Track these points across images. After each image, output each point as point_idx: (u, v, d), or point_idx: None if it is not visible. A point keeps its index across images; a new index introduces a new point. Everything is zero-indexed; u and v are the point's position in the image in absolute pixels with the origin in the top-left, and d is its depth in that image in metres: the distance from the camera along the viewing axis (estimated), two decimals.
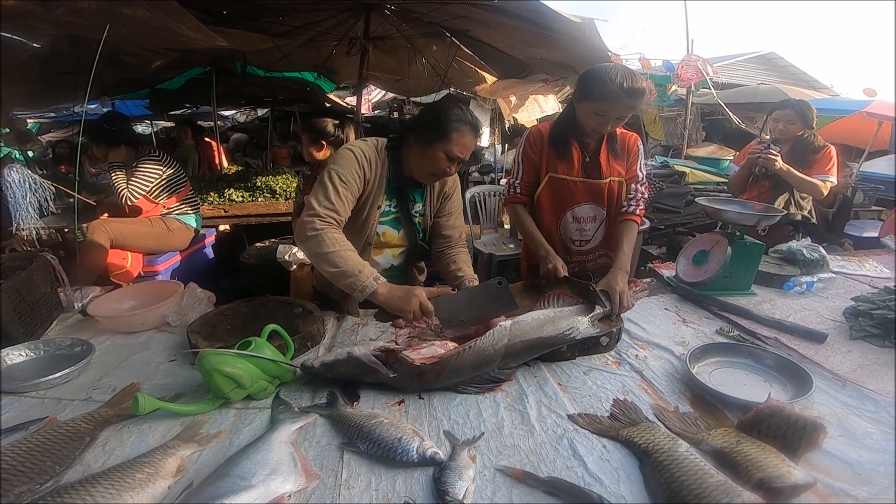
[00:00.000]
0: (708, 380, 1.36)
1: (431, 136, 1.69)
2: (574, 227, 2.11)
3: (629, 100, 1.75)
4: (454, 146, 1.68)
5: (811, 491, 0.96)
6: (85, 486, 0.94)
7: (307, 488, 1.00)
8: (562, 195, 2.07)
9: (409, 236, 1.95)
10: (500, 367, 1.40)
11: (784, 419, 1.09)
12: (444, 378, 1.35)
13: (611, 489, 0.99)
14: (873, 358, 1.53)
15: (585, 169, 2.03)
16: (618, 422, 1.21)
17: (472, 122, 1.72)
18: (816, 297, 2.03)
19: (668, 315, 1.91)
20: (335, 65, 6.52)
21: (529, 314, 1.52)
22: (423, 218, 1.97)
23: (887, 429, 1.17)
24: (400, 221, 1.92)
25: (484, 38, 4.67)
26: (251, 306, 1.81)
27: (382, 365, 1.33)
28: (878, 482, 1.00)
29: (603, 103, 1.79)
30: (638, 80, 1.76)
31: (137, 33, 3.42)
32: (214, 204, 4.41)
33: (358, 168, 1.72)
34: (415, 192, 1.92)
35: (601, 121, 1.84)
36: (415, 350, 1.38)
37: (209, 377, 1.23)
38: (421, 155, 1.74)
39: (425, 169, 1.76)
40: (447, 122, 1.67)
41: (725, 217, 2.12)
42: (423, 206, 1.95)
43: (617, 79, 1.74)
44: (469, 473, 1.01)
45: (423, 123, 1.75)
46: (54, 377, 1.37)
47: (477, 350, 1.37)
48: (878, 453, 1.09)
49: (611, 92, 1.74)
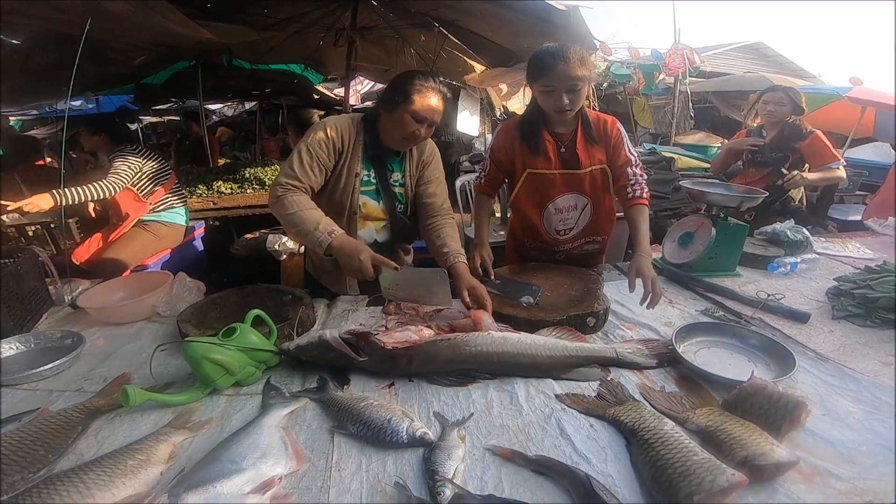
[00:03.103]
0: (693, 359, 1.38)
1: (396, 101, 1.77)
2: (557, 218, 2.09)
3: (565, 64, 1.74)
4: (417, 107, 1.75)
5: (795, 470, 0.97)
6: (78, 474, 0.95)
7: (298, 471, 1.01)
8: (542, 189, 2.05)
9: (389, 208, 1.98)
10: (477, 370, 1.37)
11: (767, 397, 1.11)
12: (417, 365, 1.35)
13: (598, 468, 1.01)
14: (855, 337, 1.56)
15: (563, 160, 1.99)
16: (605, 401, 1.23)
17: (434, 86, 1.78)
18: (800, 278, 2.06)
19: None
20: (323, 56, 6.47)
21: (527, 337, 1.43)
22: (404, 189, 2.01)
23: (869, 408, 1.19)
24: (379, 193, 1.96)
25: (472, 28, 4.65)
26: (241, 294, 1.81)
27: (350, 349, 1.34)
28: (860, 461, 1.01)
29: (544, 78, 1.79)
30: (572, 48, 1.77)
31: (121, 28, 3.38)
32: (203, 196, 4.38)
33: (325, 138, 1.81)
34: (392, 162, 1.98)
35: (553, 97, 1.81)
36: (387, 334, 1.39)
37: (198, 365, 1.24)
38: (389, 121, 1.82)
39: (395, 134, 1.82)
40: (409, 86, 1.75)
41: (709, 199, 2.14)
42: (402, 175, 2.00)
43: (549, 50, 1.78)
44: (459, 453, 1.02)
45: (389, 90, 1.83)
46: (45, 368, 1.37)
47: (453, 344, 1.37)
48: (860, 433, 1.10)
49: (545, 64, 1.77)
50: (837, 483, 0.95)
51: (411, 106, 1.74)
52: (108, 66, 4.76)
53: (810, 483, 0.95)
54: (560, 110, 1.84)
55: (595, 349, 1.44)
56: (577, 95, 1.81)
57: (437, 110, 1.80)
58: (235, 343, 1.30)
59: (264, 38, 4.99)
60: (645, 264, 1.71)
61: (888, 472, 0.98)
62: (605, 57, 9.18)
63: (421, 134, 1.81)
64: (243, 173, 4.75)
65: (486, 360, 1.36)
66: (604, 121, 2.00)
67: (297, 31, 5.14)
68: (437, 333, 1.45)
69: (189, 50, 5.15)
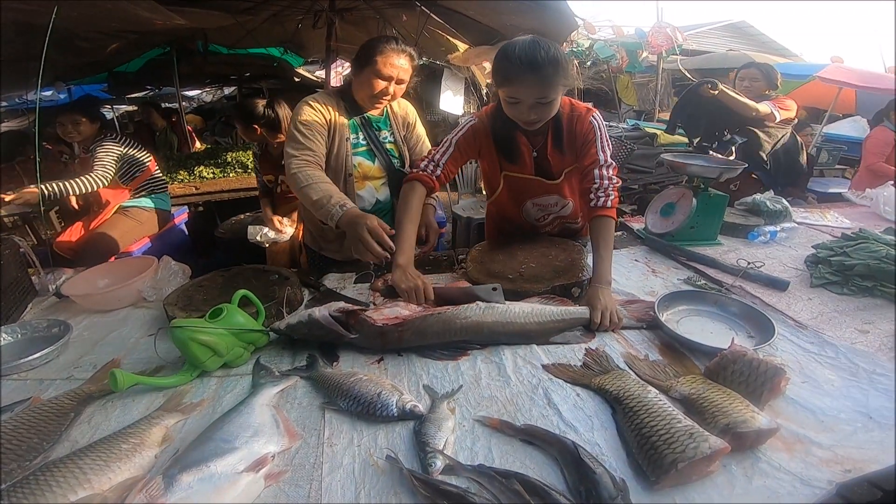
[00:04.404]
0: (676, 328, 1.40)
1: (361, 63, 1.89)
2: (536, 210, 2.00)
3: (534, 74, 1.48)
4: (380, 66, 1.85)
5: (777, 438, 0.99)
6: (73, 460, 0.96)
7: (291, 448, 1.02)
8: (520, 189, 1.93)
9: (385, 164, 2.07)
10: (468, 340, 1.39)
11: (747, 364, 1.13)
12: (407, 340, 1.36)
13: (585, 436, 1.03)
14: (833, 305, 1.59)
15: (537, 166, 1.83)
16: (590, 370, 1.26)
17: (396, 47, 1.88)
18: (780, 246, 2.11)
19: (637, 266, 1.96)
20: (302, 39, 6.36)
21: (514, 305, 1.46)
22: (395, 145, 2.12)
23: (847, 375, 1.22)
24: (372, 152, 2.05)
25: (454, 7, 4.60)
26: (227, 276, 1.81)
27: (341, 326, 1.35)
28: (839, 429, 1.03)
29: (510, 87, 1.54)
30: (543, 49, 1.47)
31: (88, 16, 3.27)
32: (185, 182, 4.33)
33: (314, 112, 1.90)
34: (378, 122, 2.08)
35: (518, 108, 1.58)
36: (377, 311, 1.40)
37: (186, 347, 1.24)
38: (358, 83, 1.93)
39: (365, 93, 1.93)
40: (371, 49, 1.86)
41: (690, 171, 2.18)
42: (390, 133, 2.10)
43: (515, 52, 1.49)
44: (449, 425, 1.04)
45: (356, 56, 1.93)
46: (34, 358, 1.37)
47: (444, 318, 1.38)
48: (839, 400, 1.12)
49: (512, 71, 1.50)
50: (818, 451, 0.97)
51: (374, 66, 1.85)
52: (77, 55, 4.62)
53: (791, 451, 0.97)
54: (526, 124, 1.64)
55: (580, 311, 1.47)
56: (547, 108, 1.58)
57: (402, 68, 1.90)
58: (222, 324, 1.30)
59: (240, 23, 4.89)
60: (598, 296, 1.50)
61: (867, 439, 1.00)
62: (590, 35, 9.17)
63: (389, 91, 1.91)
64: (225, 157, 4.69)
65: (476, 330, 1.38)
66: (577, 115, 1.74)
67: (274, 14, 5.04)
68: (426, 308, 1.46)
69: (161, 36, 5.03)
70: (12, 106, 10.01)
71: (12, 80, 4.35)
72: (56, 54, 2.76)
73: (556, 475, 0.94)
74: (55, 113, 3.12)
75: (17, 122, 10.53)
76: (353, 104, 2.00)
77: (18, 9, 2.88)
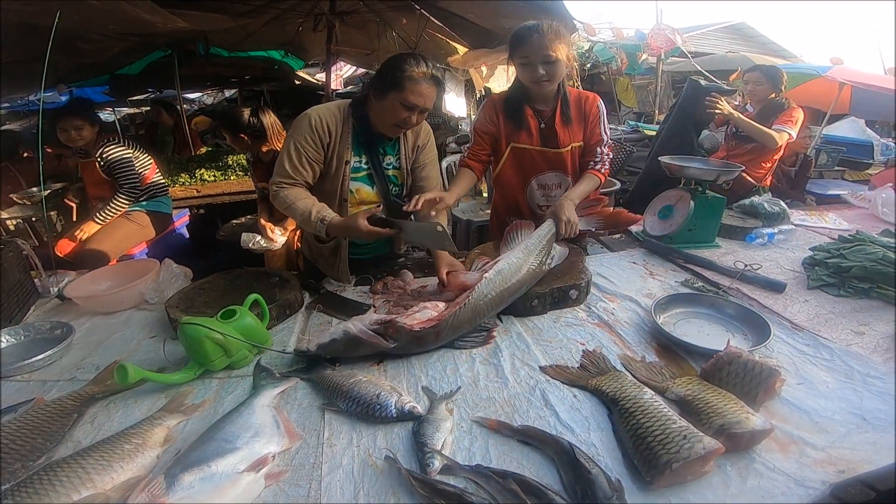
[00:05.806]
0: (673, 330, 1.42)
1: (386, 87, 1.71)
2: (540, 194, 2.13)
3: (539, 36, 1.79)
4: (409, 94, 1.68)
5: (771, 439, 1.00)
6: (77, 460, 0.97)
7: (291, 448, 1.04)
8: (524, 164, 2.09)
9: (383, 192, 1.93)
10: (489, 317, 1.51)
11: (742, 366, 1.14)
12: (444, 337, 1.39)
13: (581, 437, 1.04)
14: (829, 307, 1.59)
15: (543, 137, 2.04)
16: (587, 372, 1.27)
17: (426, 71, 1.70)
18: (777, 248, 2.11)
19: (635, 268, 1.97)
20: (302, 42, 6.38)
21: (505, 259, 1.58)
22: (399, 172, 1.97)
23: (842, 377, 1.23)
24: (372, 178, 1.92)
25: (453, 9, 4.62)
26: (228, 278, 1.83)
27: (381, 338, 1.33)
28: (834, 430, 1.04)
29: (521, 49, 1.85)
30: (547, 23, 1.83)
31: (91, 18, 3.28)
32: (186, 185, 4.34)
33: (311, 132, 1.78)
34: (385, 146, 1.93)
35: (530, 69, 1.86)
36: (409, 317, 1.39)
37: (199, 345, 1.25)
38: (379, 107, 1.76)
39: (386, 120, 1.77)
40: (400, 72, 1.67)
41: (687, 173, 2.18)
42: (395, 158, 1.96)
43: (526, 25, 1.84)
44: (447, 425, 1.05)
45: (379, 76, 1.76)
46: (38, 359, 1.39)
47: (472, 306, 1.43)
48: (834, 401, 1.13)
49: (521, 37, 1.84)
50: (812, 452, 0.98)
51: (402, 93, 1.68)
52: (79, 58, 4.65)
53: (786, 452, 0.98)
54: (537, 81, 1.87)
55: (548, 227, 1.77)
56: (553, 67, 1.84)
57: (429, 96, 1.73)
58: (234, 325, 1.32)
59: (241, 25, 4.91)
60: (560, 207, 1.81)
61: (861, 440, 1.01)
62: (589, 38, 9.17)
63: (412, 121, 1.76)
64: (226, 160, 4.70)
65: (499, 303, 1.51)
66: (585, 97, 2.05)
67: (274, 17, 5.07)
68: (449, 305, 1.47)
69: (162, 38, 5.04)
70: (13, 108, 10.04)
71: (14, 82, 4.37)
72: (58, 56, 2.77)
73: (552, 475, 0.95)
74: (52, 117, 3.13)
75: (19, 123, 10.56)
76: (363, 124, 1.85)
77: (22, 11, 2.89)
